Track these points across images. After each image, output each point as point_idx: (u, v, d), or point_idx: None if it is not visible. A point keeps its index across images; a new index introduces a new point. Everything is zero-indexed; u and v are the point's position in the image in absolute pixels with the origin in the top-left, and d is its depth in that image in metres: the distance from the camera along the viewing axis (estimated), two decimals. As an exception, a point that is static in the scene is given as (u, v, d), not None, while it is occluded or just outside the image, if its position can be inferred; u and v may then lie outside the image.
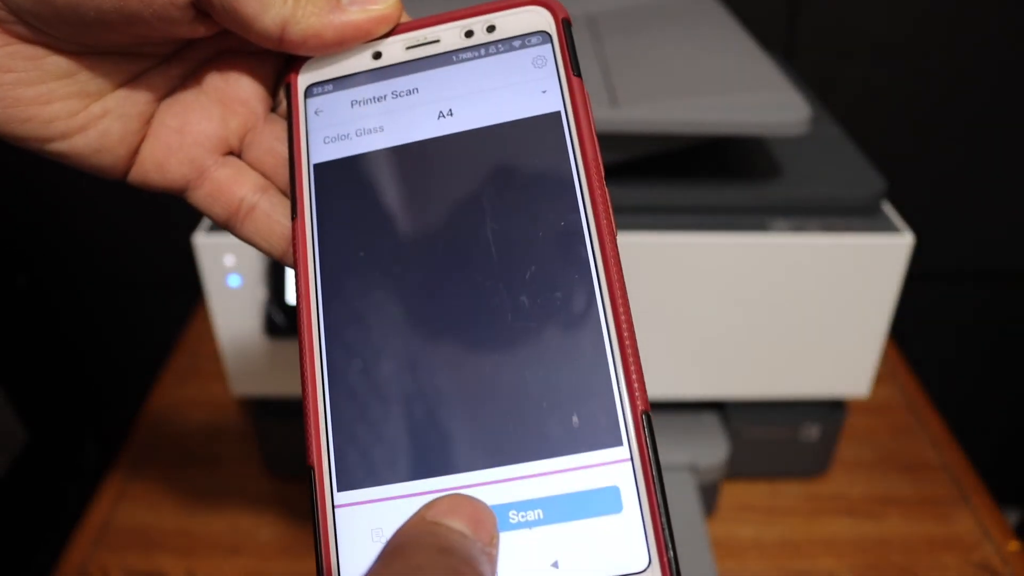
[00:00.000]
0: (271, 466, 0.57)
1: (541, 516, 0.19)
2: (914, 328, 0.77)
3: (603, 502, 0.19)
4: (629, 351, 0.19)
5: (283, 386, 0.50)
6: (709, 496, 0.52)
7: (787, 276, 0.44)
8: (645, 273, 0.44)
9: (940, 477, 0.56)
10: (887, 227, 0.44)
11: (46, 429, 0.88)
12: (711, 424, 0.53)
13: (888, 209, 0.46)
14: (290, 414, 0.52)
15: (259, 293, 0.47)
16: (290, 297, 0.47)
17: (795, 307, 0.45)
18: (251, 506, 0.55)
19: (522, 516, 0.19)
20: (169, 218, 0.63)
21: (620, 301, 0.20)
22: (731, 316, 0.46)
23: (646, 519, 0.18)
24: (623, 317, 0.20)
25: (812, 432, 0.52)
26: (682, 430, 0.52)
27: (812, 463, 0.55)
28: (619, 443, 0.19)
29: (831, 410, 0.52)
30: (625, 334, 0.19)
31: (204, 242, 0.45)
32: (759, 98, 0.43)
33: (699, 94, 0.43)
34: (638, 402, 0.19)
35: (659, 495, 0.18)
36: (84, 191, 0.83)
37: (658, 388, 0.49)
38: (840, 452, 0.57)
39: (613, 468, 0.19)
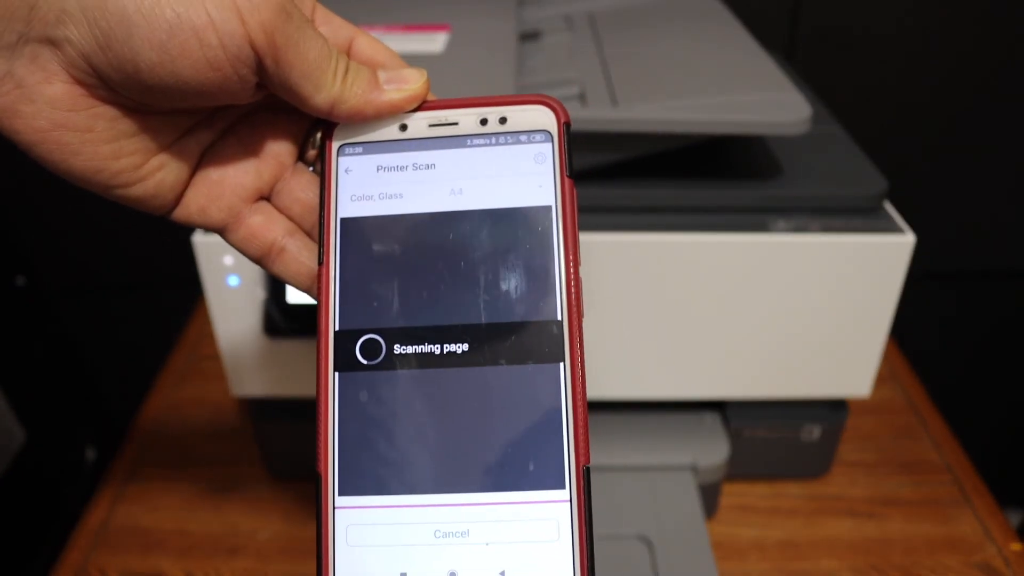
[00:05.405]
0: (270, 467, 0.56)
1: (497, 534, 0.24)
2: (915, 328, 0.77)
3: (546, 531, 0.24)
4: (580, 416, 0.24)
5: (282, 386, 0.50)
6: (710, 497, 0.52)
7: (788, 276, 0.44)
8: (646, 273, 0.44)
9: (942, 478, 0.56)
10: (889, 227, 0.44)
11: (44, 429, 0.88)
12: (712, 424, 0.52)
13: (889, 209, 0.46)
14: (290, 415, 0.52)
15: (258, 293, 0.47)
16: (290, 297, 0.47)
17: (796, 307, 0.45)
18: (250, 507, 0.55)
19: (482, 532, 0.24)
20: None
21: (580, 376, 0.24)
22: (732, 316, 0.46)
23: (576, 549, 0.24)
24: (579, 389, 0.24)
25: (813, 432, 0.52)
26: (682, 430, 0.52)
27: (813, 464, 0.55)
28: (563, 487, 0.24)
29: (832, 410, 0.52)
30: (579, 402, 0.24)
31: (203, 242, 0.45)
32: (759, 97, 0.43)
33: (699, 93, 0.43)
34: (582, 457, 0.24)
35: (588, 533, 0.24)
36: (82, 191, 0.83)
37: (658, 388, 0.49)
38: (841, 453, 0.57)
39: (557, 507, 0.24)
